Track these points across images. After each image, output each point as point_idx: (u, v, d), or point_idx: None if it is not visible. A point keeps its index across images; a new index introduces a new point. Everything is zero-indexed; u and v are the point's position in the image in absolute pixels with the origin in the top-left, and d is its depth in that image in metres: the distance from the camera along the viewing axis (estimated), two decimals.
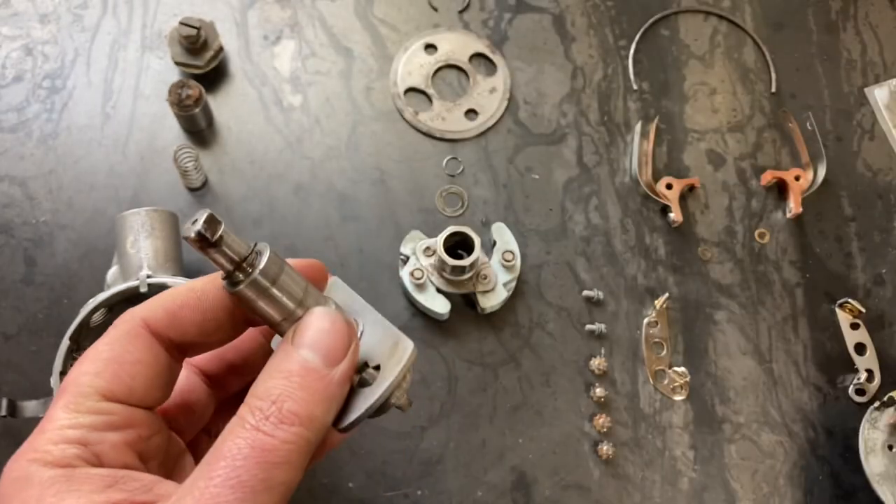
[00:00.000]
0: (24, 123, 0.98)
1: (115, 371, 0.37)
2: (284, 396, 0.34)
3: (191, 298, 0.40)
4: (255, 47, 1.04)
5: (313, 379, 0.35)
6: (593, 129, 1.02)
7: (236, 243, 0.39)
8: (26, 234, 0.93)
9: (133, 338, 0.38)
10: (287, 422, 0.34)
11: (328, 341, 0.37)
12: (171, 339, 0.39)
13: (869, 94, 1.06)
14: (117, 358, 0.38)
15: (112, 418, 0.36)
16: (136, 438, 0.37)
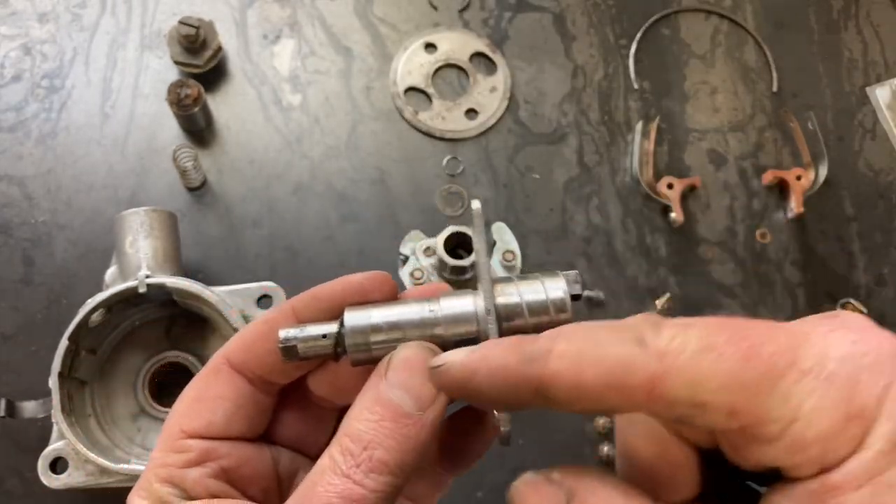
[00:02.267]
0: (23, 123, 0.97)
1: (197, 408, 0.39)
2: (375, 444, 0.33)
3: (263, 330, 0.40)
4: (254, 46, 1.03)
5: (404, 424, 0.34)
6: (594, 129, 1.02)
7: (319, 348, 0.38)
8: (25, 234, 0.93)
9: (214, 374, 0.40)
10: (377, 471, 0.33)
11: (418, 382, 0.35)
12: (252, 371, 0.40)
13: (870, 93, 1.06)
14: (199, 395, 0.40)
15: (190, 455, 0.38)
16: (219, 470, 0.38)
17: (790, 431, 0.30)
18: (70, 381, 0.79)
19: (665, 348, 0.30)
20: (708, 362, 0.30)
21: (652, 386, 0.30)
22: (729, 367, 0.30)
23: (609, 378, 0.31)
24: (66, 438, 0.75)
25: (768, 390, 0.30)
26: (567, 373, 0.31)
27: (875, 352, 0.29)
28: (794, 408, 0.30)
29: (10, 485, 0.85)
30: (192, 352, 0.86)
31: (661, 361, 0.30)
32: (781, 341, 0.30)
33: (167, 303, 0.84)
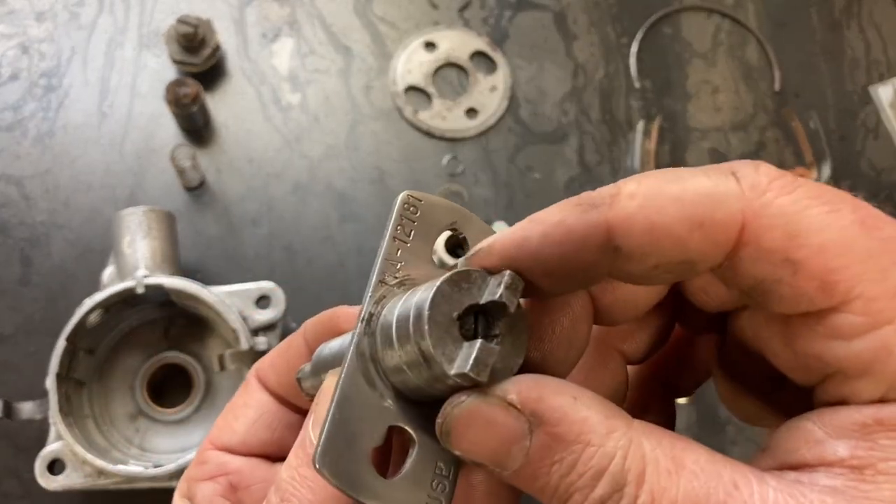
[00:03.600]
0: (21, 122, 0.97)
1: (226, 416, 0.39)
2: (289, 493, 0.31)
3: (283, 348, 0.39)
4: (253, 45, 1.03)
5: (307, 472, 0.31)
6: (595, 128, 1.01)
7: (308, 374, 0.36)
8: (22, 234, 0.92)
9: (245, 386, 0.40)
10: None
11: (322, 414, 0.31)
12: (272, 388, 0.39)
13: (873, 92, 1.05)
14: (231, 406, 0.40)
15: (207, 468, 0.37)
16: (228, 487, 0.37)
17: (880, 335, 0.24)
18: (68, 381, 0.78)
19: (765, 184, 0.25)
20: (816, 212, 0.24)
21: (744, 225, 0.24)
22: (842, 224, 0.24)
23: (691, 212, 0.24)
24: (63, 439, 0.75)
25: (878, 272, 0.24)
26: (642, 212, 0.25)
27: None
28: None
29: (8, 486, 0.84)
30: (190, 352, 0.86)
31: (759, 197, 0.24)
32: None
33: (165, 303, 0.83)
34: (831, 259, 0.24)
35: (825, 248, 0.24)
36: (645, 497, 0.23)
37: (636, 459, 0.24)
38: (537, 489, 0.25)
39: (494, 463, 0.25)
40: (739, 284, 0.26)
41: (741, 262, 0.25)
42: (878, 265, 0.24)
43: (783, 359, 0.27)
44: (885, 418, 0.24)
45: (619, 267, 0.26)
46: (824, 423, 0.25)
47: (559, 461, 0.24)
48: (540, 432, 0.25)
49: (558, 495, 0.24)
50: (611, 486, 0.24)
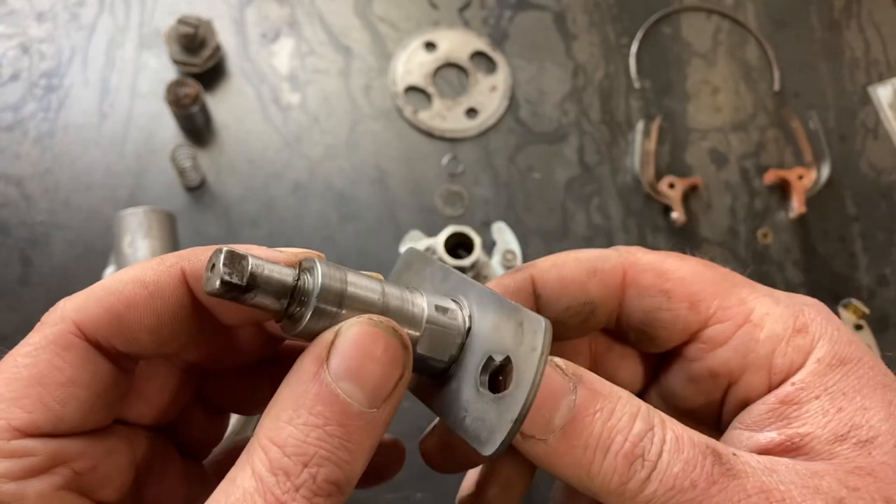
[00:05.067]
0: (21, 122, 0.97)
1: (39, 396, 0.28)
2: (321, 458, 0.26)
3: (140, 295, 0.30)
4: (253, 45, 1.03)
5: (357, 427, 0.26)
6: (595, 128, 1.02)
7: (275, 272, 0.28)
8: (22, 234, 0.92)
9: (62, 349, 0.29)
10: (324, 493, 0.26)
11: (376, 370, 0.27)
12: (121, 346, 0.30)
13: (872, 92, 1.05)
14: (42, 378, 0.28)
15: (33, 461, 0.27)
16: (72, 476, 0.29)
17: (743, 332, 0.34)
18: None
19: (634, 250, 0.37)
20: (672, 261, 0.36)
21: (625, 271, 0.36)
22: (691, 266, 0.36)
23: (588, 265, 0.36)
24: None
25: (727, 289, 0.35)
26: (554, 268, 0.36)
27: (816, 305, 0.35)
28: (747, 310, 0.34)
29: None
30: None
31: (631, 255, 0.36)
32: (735, 273, 0.37)
33: None
34: (691, 286, 0.35)
35: (685, 280, 0.35)
36: (671, 434, 0.30)
37: (656, 412, 0.31)
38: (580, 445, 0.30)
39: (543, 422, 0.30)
40: (632, 321, 0.36)
41: (629, 300, 0.36)
42: (722, 287, 0.35)
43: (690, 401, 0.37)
44: (784, 397, 0.32)
45: (543, 310, 0.36)
46: (746, 425, 0.33)
47: (601, 409, 0.30)
48: (582, 388, 0.30)
49: (602, 441, 0.30)
50: (645, 424, 0.30)
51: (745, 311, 0.34)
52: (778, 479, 0.29)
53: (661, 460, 0.29)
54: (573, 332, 0.38)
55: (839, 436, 0.30)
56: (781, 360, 0.33)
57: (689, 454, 0.29)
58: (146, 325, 0.30)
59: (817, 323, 0.34)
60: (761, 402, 0.33)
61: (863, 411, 0.31)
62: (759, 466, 0.29)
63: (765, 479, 0.29)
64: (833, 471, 0.29)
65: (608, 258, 0.36)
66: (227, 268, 0.27)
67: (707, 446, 0.30)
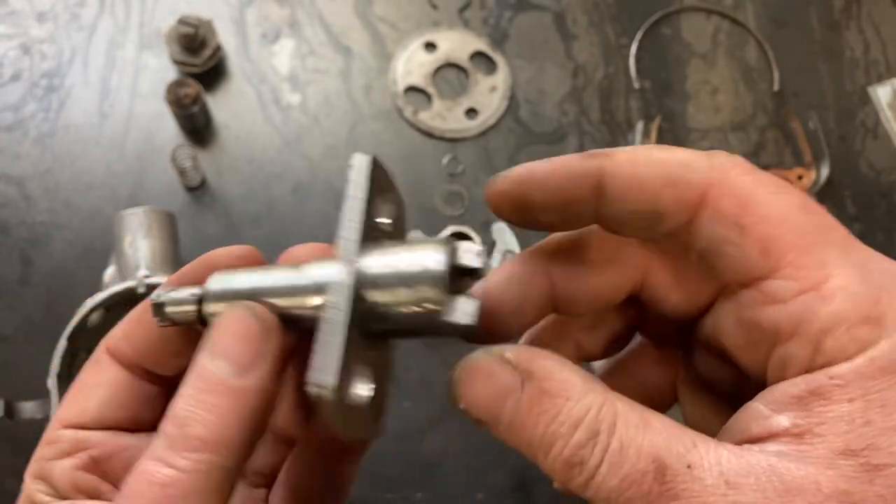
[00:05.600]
0: (21, 122, 0.97)
1: (74, 398, 0.37)
2: (191, 420, 0.30)
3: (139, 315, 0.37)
4: (253, 46, 1.03)
5: (220, 393, 0.31)
6: (595, 129, 1.02)
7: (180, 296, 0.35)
8: (23, 234, 0.92)
9: (94, 363, 0.38)
10: (191, 448, 0.30)
11: (236, 343, 0.32)
12: (129, 359, 0.37)
13: (872, 92, 1.05)
14: (79, 386, 0.38)
15: (61, 446, 0.36)
16: (88, 461, 0.36)
17: (805, 298, 0.29)
18: (69, 381, 0.78)
19: (730, 166, 0.31)
20: (766, 191, 0.30)
21: (707, 188, 0.31)
22: (785, 204, 0.30)
23: (668, 171, 0.31)
24: None
25: (812, 244, 0.29)
26: (628, 164, 0.32)
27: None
28: (823, 276, 0.29)
29: (9, 485, 0.84)
30: None
31: (721, 172, 0.31)
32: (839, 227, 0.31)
33: None
34: (772, 228, 0.30)
35: (768, 219, 0.30)
36: (615, 444, 0.28)
37: (609, 414, 0.28)
38: (525, 440, 0.29)
39: (491, 415, 0.30)
40: (696, 245, 0.32)
41: (700, 222, 0.31)
42: (809, 240, 0.30)
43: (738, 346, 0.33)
44: (816, 388, 0.28)
45: (602, 207, 0.33)
46: (768, 401, 0.29)
47: (545, 411, 0.29)
48: (530, 386, 0.29)
49: (543, 443, 0.29)
50: (587, 433, 0.28)
51: (819, 277, 0.29)
52: (733, 499, 0.26)
53: (600, 472, 0.28)
54: (632, 232, 0.34)
55: (850, 450, 0.27)
56: (832, 343, 0.28)
57: (629, 469, 0.27)
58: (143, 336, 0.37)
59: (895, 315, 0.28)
60: (791, 384, 0.29)
61: (892, 433, 0.27)
62: (716, 483, 0.27)
63: (711, 501, 0.26)
64: (814, 491, 0.26)
65: (694, 168, 0.31)
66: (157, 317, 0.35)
67: (654, 460, 0.27)
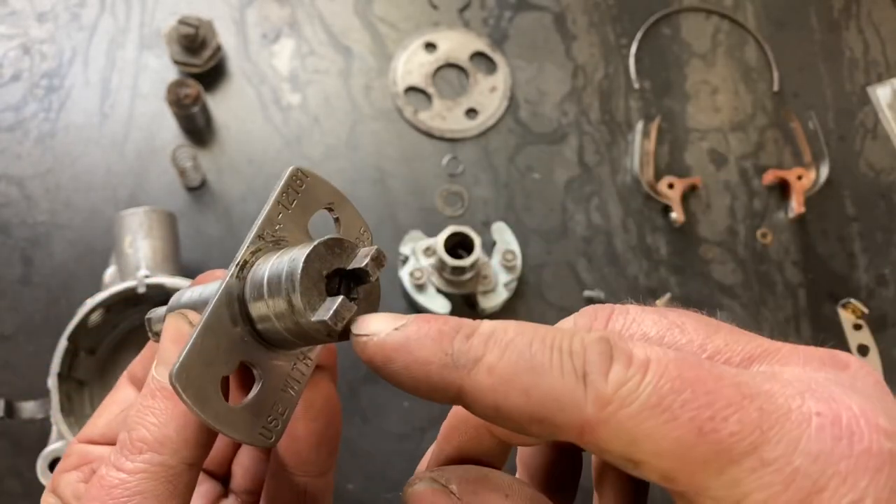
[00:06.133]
0: (22, 123, 0.97)
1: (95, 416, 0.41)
2: (134, 422, 0.32)
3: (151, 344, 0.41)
4: (253, 46, 1.03)
5: (160, 397, 0.32)
6: (594, 129, 1.02)
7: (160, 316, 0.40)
8: (23, 234, 0.93)
9: (115, 389, 0.42)
10: (135, 450, 0.31)
11: (170, 347, 0.34)
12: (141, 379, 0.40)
13: (871, 93, 1.06)
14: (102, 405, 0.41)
15: (71, 459, 0.39)
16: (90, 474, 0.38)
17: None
18: (69, 381, 0.79)
19: (609, 396, 0.25)
20: (655, 423, 0.25)
21: (583, 431, 0.26)
22: (678, 436, 0.25)
23: (537, 410, 0.26)
24: (65, 439, 0.75)
25: (716, 472, 0.25)
26: (491, 393, 0.27)
27: (858, 457, 0.24)
28: (739, 496, 0.25)
29: (9, 485, 0.84)
30: None
31: (601, 410, 0.26)
32: (752, 418, 0.25)
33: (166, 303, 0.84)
34: (668, 463, 0.25)
35: (661, 454, 0.25)
36: None
37: None
38: None
39: None
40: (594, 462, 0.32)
41: (587, 446, 0.27)
42: (713, 464, 0.25)
43: None
44: None
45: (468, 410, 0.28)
46: None
47: None
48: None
49: None
50: None
51: (736, 497, 0.25)
52: None
53: None
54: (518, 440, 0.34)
55: None
56: None
57: None
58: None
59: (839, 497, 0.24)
60: None
61: None
62: None
63: None
64: None
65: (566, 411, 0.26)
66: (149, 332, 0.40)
67: None
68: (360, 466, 0.86)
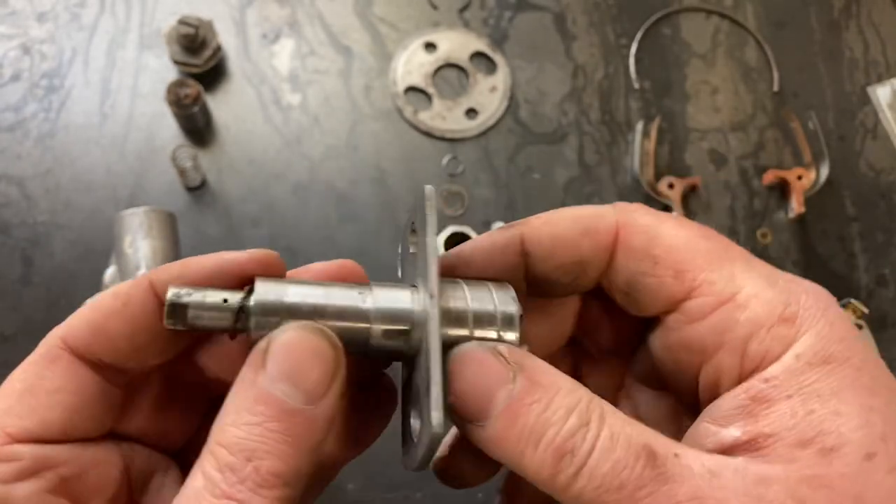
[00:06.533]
0: (22, 123, 0.97)
1: (29, 404, 0.31)
2: (262, 452, 0.28)
3: (115, 306, 0.32)
4: (253, 46, 1.03)
5: (294, 424, 0.28)
6: (594, 129, 1.02)
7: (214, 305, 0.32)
8: (23, 234, 0.93)
9: (50, 362, 0.32)
10: (268, 485, 0.27)
11: (309, 370, 0.29)
12: (101, 357, 0.33)
13: (871, 93, 1.06)
14: (31, 388, 0.32)
15: (22, 465, 0.30)
16: (57, 482, 0.31)
17: (724, 310, 0.32)
18: None
19: (632, 208, 0.35)
20: (669, 226, 0.34)
21: (617, 231, 0.34)
22: (686, 233, 0.34)
23: (582, 224, 0.35)
24: None
25: (718, 263, 0.33)
26: (546, 226, 0.35)
27: (818, 293, 0.33)
28: (735, 287, 0.32)
29: None
30: None
31: (626, 215, 0.35)
32: (737, 246, 0.34)
33: None
34: (680, 254, 0.33)
35: (675, 248, 0.33)
36: (606, 431, 0.29)
37: (598, 406, 0.30)
38: (513, 434, 0.29)
39: (481, 406, 0.30)
40: (618, 282, 0.35)
41: (617, 263, 0.35)
42: (714, 259, 0.33)
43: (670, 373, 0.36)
44: (756, 394, 0.30)
45: (529, 269, 0.35)
46: (713, 417, 0.31)
47: (537, 401, 0.29)
48: (522, 377, 0.30)
49: (534, 432, 0.29)
50: (580, 420, 0.29)
51: (731, 289, 0.32)
52: (718, 484, 0.28)
53: (591, 458, 0.28)
54: (563, 289, 0.37)
55: (804, 440, 0.28)
56: (757, 346, 0.31)
57: (622, 454, 0.28)
58: (122, 331, 0.32)
59: (810, 313, 0.31)
60: (731, 396, 0.31)
61: (835, 416, 0.29)
62: (701, 471, 0.28)
63: (701, 485, 0.28)
64: (785, 478, 0.28)
65: (603, 216, 0.35)
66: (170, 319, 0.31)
67: (644, 447, 0.28)
68: (361, 466, 0.86)
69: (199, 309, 0.31)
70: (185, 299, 0.31)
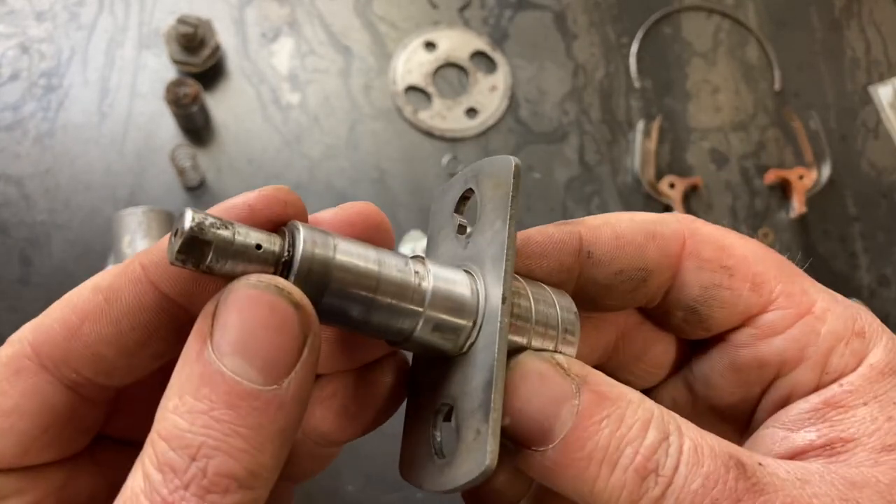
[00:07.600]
0: (20, 122, 0.97)
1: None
2: (209, 449, 0.22)
3: (95, 303, 0.26)
4: (252, 45, 1.03)
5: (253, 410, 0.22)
6: (595, 128, 1.01)
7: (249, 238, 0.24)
8: (22, 234, 0.92)
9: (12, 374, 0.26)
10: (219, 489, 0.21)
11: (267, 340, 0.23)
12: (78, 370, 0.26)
13: (873, 92, 1.05)
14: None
15: None
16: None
17: (805, 322, 0.31)
18: None
19: (693, 220, 0.33)
20: (733, 237, 0.32)
21: (684, 239, 0.32)
22: (753, 246, 0.32)
23: (646, 228, 0.32)
24: None
25: (790, 276, 0.31)
26: (607, 225, 0.32)
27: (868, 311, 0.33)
28: (810, 300, 0.31)
29: None
30: None
31: (687, 223, 0.33)
32: None
33: None
34: (754, 265, 0.32)
35: (747, 259, 0.32)
36: (689, 443, 0.26)
37: (672, 417, 0.27)
38: (583, 457, 0.26)
39: (544, 426, 0.26)
40: (685, 297, 0.32)
41: (686, 273, 0.32)
42: (786, 272, 0.32)
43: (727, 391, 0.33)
44: (830, 398, 0.29)
45: (585, 272, 0.32)
46: (782, 423, 0.30)
47: (608, 416, 0.26)
48: (587, 390, 0.26)
49: (610, 453, 0.26)
50: (660, 433, 0.26)
51: (807, 302, 0.31)
52: (811, 491, 0.26)
53: (678, 475, 0.25)
54: (619, 300, 0.33)
55: (887, 445, 0.28)
56: (838, 360, 0.30)
57: (710, 467, 0.25)
58: (105, 336, 0.26)
59: (874, 329, 0.31)
60: (804, 401, 0.30)
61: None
62: (789, 478, 0.26)
63: (795, 494, 0.26)
64: (875, 482, 0.27)
65: (667, 223, 0.32)
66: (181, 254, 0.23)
67: (730, 457, 0.26)
68: (360, 468, 0.85)
69: (225, 252, 0.23)
70: (209, 234, 0.23)
